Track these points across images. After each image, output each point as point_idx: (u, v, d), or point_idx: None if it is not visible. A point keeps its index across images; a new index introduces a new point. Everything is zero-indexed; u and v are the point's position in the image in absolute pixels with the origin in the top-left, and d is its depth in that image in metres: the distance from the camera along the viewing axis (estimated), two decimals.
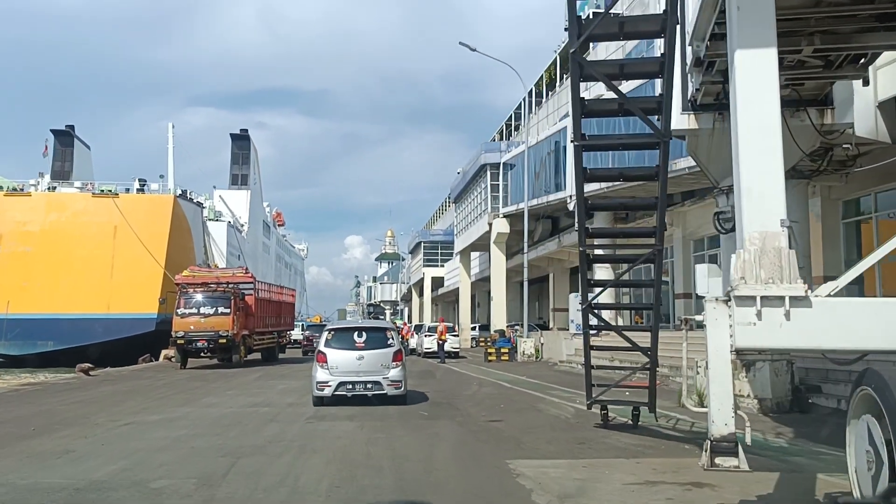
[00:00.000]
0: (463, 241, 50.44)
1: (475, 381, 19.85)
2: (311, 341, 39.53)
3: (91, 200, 48.69)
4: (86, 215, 47.75)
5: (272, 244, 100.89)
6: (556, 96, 34.86)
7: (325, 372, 13.12)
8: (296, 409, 13.33)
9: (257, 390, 17.35)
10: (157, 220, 47.52)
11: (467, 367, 26.77)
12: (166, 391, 17.60)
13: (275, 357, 32.43)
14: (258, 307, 29.21)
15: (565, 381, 19.45)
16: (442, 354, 29.81)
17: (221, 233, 66.59)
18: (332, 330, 14.21)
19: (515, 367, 27.13)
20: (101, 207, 47.55)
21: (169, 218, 48.83)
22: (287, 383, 19.49)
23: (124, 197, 50.43)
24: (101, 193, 50.17)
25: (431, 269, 73.25)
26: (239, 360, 27.06)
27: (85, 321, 42.59)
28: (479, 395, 16.14)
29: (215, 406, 13.87)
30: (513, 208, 37.37)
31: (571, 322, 26.93)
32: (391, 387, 13.13)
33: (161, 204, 50.17)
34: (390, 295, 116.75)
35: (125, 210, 47.19)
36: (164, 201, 50.75)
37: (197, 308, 26.63)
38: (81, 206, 48.16)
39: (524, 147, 33.54)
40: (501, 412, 12.65)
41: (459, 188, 49.49)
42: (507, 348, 31.70)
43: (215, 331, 26.21)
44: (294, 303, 36.75)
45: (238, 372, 24.47)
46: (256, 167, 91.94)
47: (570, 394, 15.98)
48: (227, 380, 20.90)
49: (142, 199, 51.35)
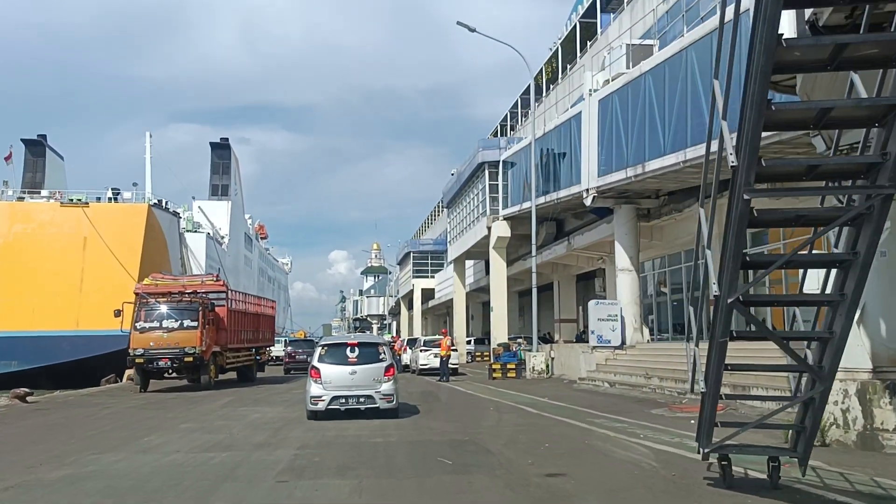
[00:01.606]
0: (457, 248, 46.90)
1: (491, 406, 16.29)
2: (293, 358, 36.04)
3: (59, 210, 45.70)
4: (53, 226, 44.91)
5: (254, 257, 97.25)
6: (569, 79, 31.58)
7: (318, 387, 13.36)
8: (265, 454, 9.73)
9: (221, 422, 13.70)
10: (130, 231, 44.72)
11: (473, 387, 23.21)
12: (105, 425, 13.89)
13: (252, 376, 28.69)
14: (231, 320, 25.51)
15: (599, 404, 15.95)
16: (445, 372, 26.30)
17: (200, 245, 63.87)
18: (325, 345, 14.27)
19: (527, 385, 23.60)
20: (70, 218, 44.68)
21: (143, 228, 46.12)
22: (261, 411, 15.85)
23: (95, 206, 47.78)
24: (70, 203, 47.40)
25: (421, 281, 69.62)
26: (209, 382, 23.33)
27: (51, 339, 39.76)
28: (505, 426, 12.59)
29: (156, 450, 10.23)
30: (515, 209, 33.94)
31: (592, 333, 23.53)
32: (383, 400, 13.38)
33: (134, 213, 47.34)
34: (377, 309, 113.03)
35: (96, 220, 44.41)
36: (138, 211, 47.91)
37: (159, 321, 22.92)
38: (48, 217, 45.20)
39: (530, 140, 30.17)
40: (553, 457, 9.13)
41: (453, 191, 45.97)
42: (513, 364, 28.21)
43: (180, 347, 22.51)
44: (274, 315, 33.02)
45: (205, 396, 20.76)
46: (237, 177, 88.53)
47: (621, 423, 12.49)
48: (189, 407, 17.23)
49: (114, 208, 48.63)
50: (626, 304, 23.82)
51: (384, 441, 10.67)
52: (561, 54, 37.27)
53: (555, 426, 12.42)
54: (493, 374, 27.72)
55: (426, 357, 31.50)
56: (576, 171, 25.99)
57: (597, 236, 28.23)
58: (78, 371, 34.94)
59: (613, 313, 23.41)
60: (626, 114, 21.75)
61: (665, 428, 11.74)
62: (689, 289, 24.64)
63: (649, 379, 18.78)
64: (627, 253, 24.17)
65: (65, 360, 37.98)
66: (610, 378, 21.24)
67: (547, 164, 29.25)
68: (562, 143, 27.63)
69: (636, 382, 19.30)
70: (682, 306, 25.48)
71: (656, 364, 19.97)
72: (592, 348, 23.59)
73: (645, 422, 12.68)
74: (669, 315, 26.16)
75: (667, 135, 19.20)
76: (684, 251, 24.95)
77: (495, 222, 36.55)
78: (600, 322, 23.39)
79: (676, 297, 25.73)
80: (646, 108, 20.51)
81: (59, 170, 62.21)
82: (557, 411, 14.77)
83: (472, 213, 41.18)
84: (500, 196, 36.69)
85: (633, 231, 24.36)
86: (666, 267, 26.28)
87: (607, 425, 12.23)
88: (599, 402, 16.72)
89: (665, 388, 17.63)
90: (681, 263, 25.19)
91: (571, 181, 26.50)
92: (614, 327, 23.34)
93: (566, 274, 37.32)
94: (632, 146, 21.35)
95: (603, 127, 23.42)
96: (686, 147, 17.99)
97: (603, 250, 30.02)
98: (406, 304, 79.15)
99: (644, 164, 20.35)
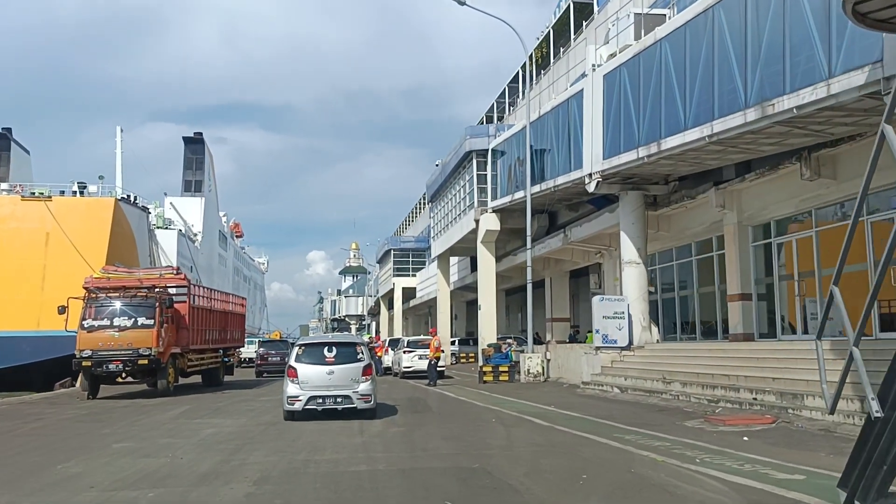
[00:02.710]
0: (441, 244, 44.47)
1: (492, 417, 13.88)
2: (265, 360, 33.53)
3: (20, 204, 43.13)
4: (13, 221, 42.23)
5: (229, 256, 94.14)
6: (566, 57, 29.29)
7: (295, 386, 13.30)
8: (209, 492, 7.24)
9: (166, 440, 11.14)
10: (96, 226, 42.12)
11: (464, 392, 20.81)
12: (19, 445, 11.24)
13: (218, 380, 26.03)
14: (194, 318, 22.85)
15: (618, 415, 13.62)
16: (433, 375, 23.86)
17: (172, 242, 61.17)
18: (303, 345, 14.20)
19: (523, 390, 21.25)
20: (32, 212, 42.10)
21: (109, 223, 43.63)
22: (219, 424, 13.31)
23: (59, 200, 45.17)
24: (32, 197, 44.70)
25: (402, 279, 67.08)
26: (167, 387, 20.70)
27: (10, 340, 37.14)
28: (518, 446, 10.20)
29: (63, 486, 7.70)
30: (506, 200, 31.56)
31: (596, 333, 21.20)
32: (361, 400, 13.30)
33: (100, 208, 44.74)
34: (356, 309, 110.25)
35: (59, 215, 41.70)
36: (104, 205, 45.33)
37: (110, 319, 20.24)
38: (8, 211, 42.65)
39: (523, 124, 27.84)
40: (603, 497, 6.73)
41: (437, 184, 43.51)
42: (506, 366, 25.84)
43: (133, 348, 19.85)
44: (244, 313, 30.33)
45: (160, 404, 18.15)
46: (212, 173, 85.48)
47: (660, 440, 10.14)
48: (136, 419, 14.64)
49: (78, 202, 46.11)
50: (634, 300, 21.53)
51: (369, 470, 8.22)
52: (552, 38, 35.01)
53: (581, 446, 10.03)
54: (484, 378, 25.36)
55: (410, 359, 29.08)
56: (576, 156, 23.66)
57: (597, 227, 25.95)
58: (39, 374, 32.52)
59: (620, 310, 21.09)
60: (637, 88, 19.46)
61: (718, 448, 9.42)
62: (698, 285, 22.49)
63: (668, 384, 16.49)
64: (634, 244, 21.89)
65: (25, 363, 35.57)
66: (619, 382, 18.93)
67: (543, 149, 26.91)
68: (560, 125, 25.29)
69: (652, 388, 17.01)
70: (690, 303, 23.27)
71: (674, 367, 17.70)
72: (597, 349, 21.27)
73: (687, 438, 10.35)
74: (678, 312, 23.93)
75: (688, 108, 16.91)
76: (695, 242, 22.75)
77: (483, 215, 34.17)
78: (605, 320, 21.06)
79: (685, 293, 23.51)
80: (661, 80, 18.22)
81: (24, 164, 59.41)
82: (573, 424, 12.40)
83: (459, 206, 38.77)
84: (488, 187, 34.30)
85: (640, 220, 22.08)
86: (673, 260, 24.04)
87: (644, 444, 9.88)
88: (617, 411, 14.38)
89: (690, 394, 15.33)
90: (691, 256, 22.97)
91: (570, 167, 24.16)
92: (621, 326, 21.03)
93: (559, 270, 35.02)
94: (644, 123, 19.05)
95: (609, 104, 21.11)
96: (712, 119, 15.70)
97: (602, 243, 27.77)
98: (386, 303, 76.57)
99: (659, 141, 18.05)
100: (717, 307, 21.74)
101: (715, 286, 21.70)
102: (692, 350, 19.71)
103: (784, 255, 18.88)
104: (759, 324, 19.41)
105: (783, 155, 17.23)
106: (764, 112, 13.96)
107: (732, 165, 19.85)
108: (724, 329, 21.09)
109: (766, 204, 18.85)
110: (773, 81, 13.77)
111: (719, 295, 21.62)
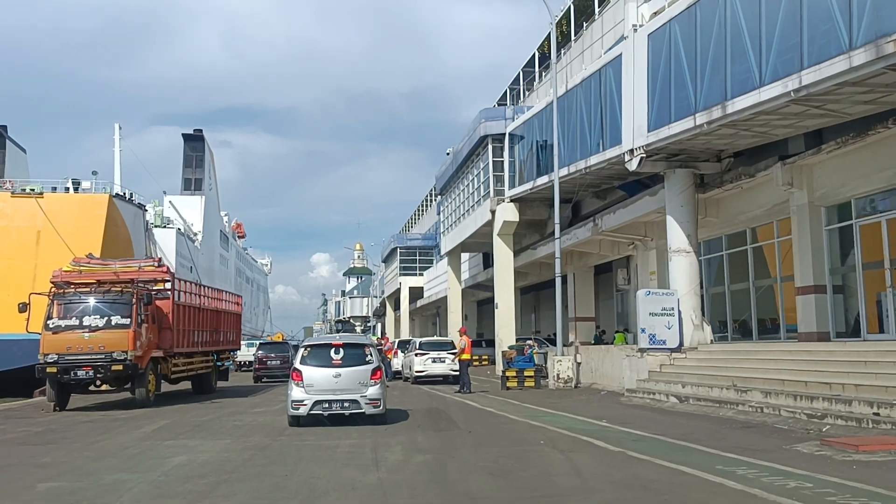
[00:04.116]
0: (452, 239, 41.63)
1: (539, 437, 11.02)
2: (264, 364, 30.78)
3: (10, 201, 40.58)
4: (3, 218, 39.83)
5: (231, 257, 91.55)
6: (609, 11, 26.30)
7: (300, 390, 12.55)
8: None
9: (116, 476, 8.32)
10: (89, 223, 39.84)
11: (488, 401, 17.99)
12: None
13: (210, 387, 23.27)
14: (180, 316, 20.05)
15: (697, 433, 10.81)
16: (466, 382, 21.02)
17: (170, 241, 58.67)
18: (309, 346, 13.44)
19: (556, 398, 18.44)
20: (23, 209, 39.78)
21: (103, 220, 41.29)
22: (194, 448, 10.49)
23: (50, 197, 42.95)
24: (23, 193, 42.27)
25: (409, 279, 64.30)
26: (146, 396, 17.87)
27: None
28: (598, 488, 7.30)
29: None
30: (526, 187, 28.69)
31: (642, 332, 18.30)
32: (370, 405, 12.53)
33: (94, 205, 42.43)
34: (361, 310, 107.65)
35: (51, 212, 39.48)
36: (98, 202, 42.96)
37: (79, 318, 17.46)
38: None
39: (550, 99, 24.98)
40: None
41: (448, 174, 40.62)
42: (531, 370, 23.02)
43: (106, 352, 17.08)
44: (240, 313, 27.52)
45: (133, 418, 15.35)
46: (212, 171, 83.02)
47: (786, 475, 7.32)
48: (93, 439, 11.84)
49: (71, 199, 43.84)
50: (684, 294, 18.65)
51: None
52: (573, 14, 32.09)
53: (685, 487, 7.16)
54: (507, 384, 22.52)
55: (423, 362, 26.28)
56: (612, 131, 20.80)
57: (633, 214, 23.05)
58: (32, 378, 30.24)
59: (669, 306, 18.21)
60: (693, 44, 16.60)
61: (870, 488, 6.64)
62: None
63: (743, 393, 13.62)
64: (684, 230, 19.01)
65: (16, 367, 33.13)
66: (675, 390, 16.04)
67: (570, 128, 24.06)
68: (592, 99, 22.44)
69: (722, 397, 14.13)
70: (743, 298, 20.33)
71: (745, 372, 14.83)
72: (642, 351, 18.39)
73: (824, 474, 7.53)
74: (728, 309, 21.02)
75: (764, 60, 14.02)
76: (750, 229, 19.88)
77: (500, 205, 31.33)
78: (652, 318, 18.17)
79: (739, 287, 20.57)
80: (725, 31, 15.36)
81: (20, 162, 57.21)
82: (650, 448, 9.55)
83: (472, 197, 35.93)
84: (505, 174, 31.47)
85: (690, 201, 19.22)
86: (722, 250, 21.14)
87: (772, 484, 7.04)
88: (693, 429, 11.54)
89: (777, 406, 12.43)
90: (745, 244, 20.08)
91: (605, 144, 21.31)
92: (670, 324, 18.15)
93: (582, 265, 32.07)
94: (703, 84, 16.17)
95: (655, 67, 18.26)
96: (801, 69, 12.83)
97: (636, 233, 24.86)
98: (392, 304, 73.83)
99: (724, 104, 15.15)
100: (778, 302, 18.85)
101: (777, 278, 18.83)
102: (759, 352, 16.82)
103: (867, 239, 15.98)
104: (836, 321, 16.52)
105: (872, 119, 14.38)
106: (879, 52, 11.08)
107: (801, 137, 17.01)
108: (786, 327, 18.26)
109: (845, 180, 15.95)
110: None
111: (781, 288, 18.74)
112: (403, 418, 14.13)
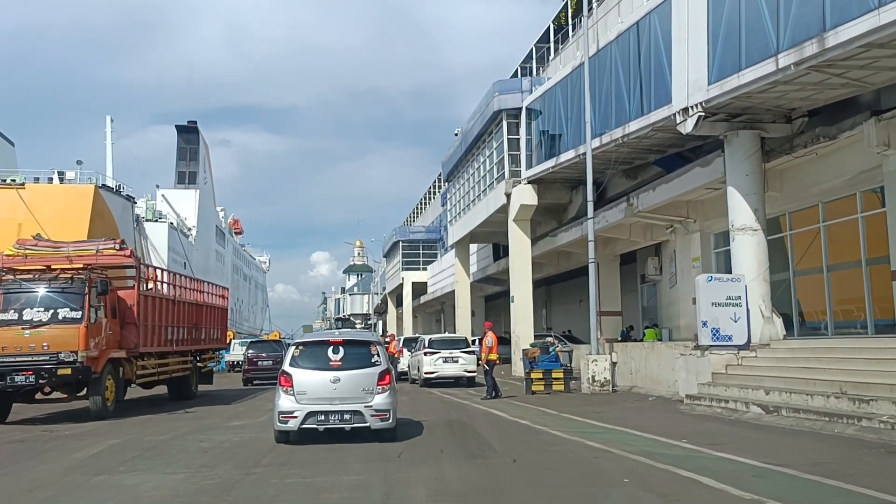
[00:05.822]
0: (461, 228, 38.45)
1: (612, 468, 7.86)
2: (255, 365, 27.79)
3: None
4: None
5: (227, 253, 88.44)
6: None
7: (289, 399, 10.21)
8: None
9: None
10: (74, 215, 37.93)
11: (517, 410, 14.85)
12: None
13: (189, 392, 20.09)
14: (148, 310, 16.84)
15: (828, 462, 7.73)
16: (492, 385, 18.00)
17: (162, 235, 55.91)
18: (301, 344, 11.16)
19: (597, 406, 15.27)
20: (3, 201, 38.29)
21: (88, 212, 39.66)
22: (132, 488, 7.36)
23: (32, 188, 41.22)
24: (3, 184, 40.71)
25: (412, 274, 61.09)
26: (101, 406, 14.63)
27: None
28: None
29: None
30: (548, 164, 25.50)
31: (703, 326, 15.11)
32: (376, 418, 10.17)
33: (79, 196, 40.79)
34: (361, 307, 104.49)
35: (33, 203, 37.58)
36: (83, 192, 41.35)
37: (18, 312, 14.25)
38: None
39: (572, 66, 21.81)
40: None
41: (457, 157, 37.37)
42: (559, 372, 19.91)
43: (51, 352, 13.91)
44: (226, 307, 24.32)
45: (78, 435, 12.20)
46: (207, 164, 79.96)
47: None
48: (7, 470, 8.68)
49: (55, 190, 42.24)
50: (751, 280, 15.46)
51: None
52: None
53: None
54: (533, 387, 19.45)
55: (433, 362, 23.16)
56: (658, 90, 17.62)
57: (679, 189, 19.81)
58: None
59: (736, 295, 15.02)
60: None
61: None
62: None
63: (863, 403, 10.44)
64: (750, 203, 15.80)
65: None
66: (758, 398, 12.83)
67: (604, 92, 20.91)
68: (630, 55, 19.26)
69: (829, 408, 10.96)
70: (819, 284, 17.11)
71: (848, 376, 11.65)
72: (703, 349, 15.21)
73: None
74: (794, 300, 17.84)
75: None
76: (823, 203, 16.68)
77: (517, 187, 28.22)
78: (716, 308, 14.97)
79: (808, 273, 17.37)
80: None
81: (9, 156, 55.10)
82: (784, 491, 6.43)
83: (484, 181, 32.73)
84: (522, 154, 28.31)
85: (757, 170, 16.00)
86: (789, 229, 17.95)
87: None
88: (818, 453, 8.40)
89: None
90: (818, 222, 16.87)
91: (649, 106, 18.14)
92: (737, 316, 14.95)
93: (608, 253, 28.84)
94: (788, 19, 12.97)
95: (719, 6, 15.10)
96: None
97: (678, 213, 21.66)
98: (394, 300, 70.67)
99: (823, 36, 11.96)
100: (866, 289, 15.66)
101: (861, 261, 15.65)
102: (866, 350, 13.56)
103: None
104: None
105: None
106: None
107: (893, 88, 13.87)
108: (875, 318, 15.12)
109: None
110: None
111: (867, 273, 15.56)
112: (417, 433, 11.14)
